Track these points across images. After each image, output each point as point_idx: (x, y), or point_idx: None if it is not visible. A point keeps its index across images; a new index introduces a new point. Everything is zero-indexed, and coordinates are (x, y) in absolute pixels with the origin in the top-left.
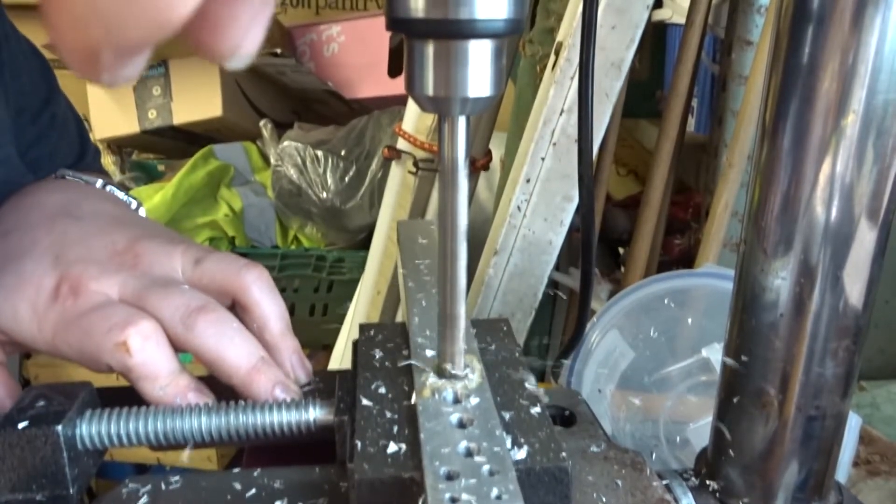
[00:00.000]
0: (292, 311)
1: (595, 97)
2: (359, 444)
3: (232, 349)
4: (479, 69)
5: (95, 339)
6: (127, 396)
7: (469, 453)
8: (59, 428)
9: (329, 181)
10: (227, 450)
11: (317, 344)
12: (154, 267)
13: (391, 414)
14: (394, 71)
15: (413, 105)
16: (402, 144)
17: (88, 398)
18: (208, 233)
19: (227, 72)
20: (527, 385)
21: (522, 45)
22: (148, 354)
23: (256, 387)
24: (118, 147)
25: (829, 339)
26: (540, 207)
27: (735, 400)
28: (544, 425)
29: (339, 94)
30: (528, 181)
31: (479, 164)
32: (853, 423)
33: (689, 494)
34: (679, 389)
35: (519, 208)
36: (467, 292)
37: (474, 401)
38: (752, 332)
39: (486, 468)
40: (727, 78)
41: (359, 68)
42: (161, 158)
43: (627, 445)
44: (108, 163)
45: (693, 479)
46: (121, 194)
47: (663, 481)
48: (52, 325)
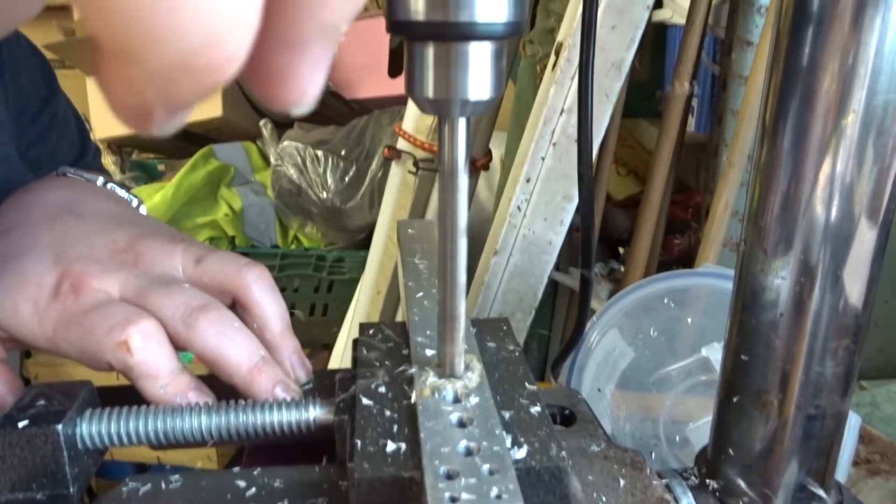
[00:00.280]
0: (292, 310)
1: (595, 97)
2: (359, 443)
3: (233, 348)
4: (479, 72)
5: (96, 338)
6: (127, 396)
7: (469, 452)
8: (60, 427)
9: (329, 181)
10: (227, 449)
11: (317, 344)
12: (155, 265)
13: (391, 413)
14: (394, 71)
15: (413, 105)
16: (402, 144)
17: (88, 397)
18: (208, 232)
19: None
20: (526, 384)
21: (522, 45)
22: (148, 353)
23: (257, 386)
24: (118, 147)
25: (829, 339)
26: (540, 207)
27: (735, 399)
28: (544, 424)
29: (340, 94)
30: (528, 181)
31: (479, 164)
32: (853, 423)
33: (689, 494)
34: (679, 389)
35: (519, 208)
36: (467, 292)
37: (474, 400)
38: (751, 331)
39: (485, 467)
40: (727, 78)
41: (359, 68)
42: (161, 158)
43: (627, 445)
44: (108, 163)
45: (693, 478)
46: (122, 192)
47: (663, 480)
48: (53, 323)
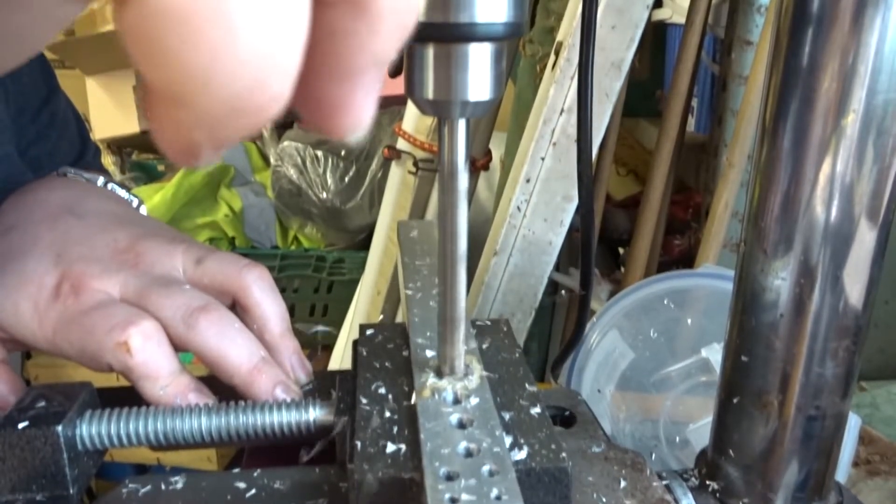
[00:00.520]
0: (292, 311)
1: (595, 97)
2: (358, 444)
3: (233, 349)
4: (479, 73)
5: (96, 338)
6: (127, 397)
7: (469, 454)
8: (60, 428)
9: (329, 181)
10: (227, 450)
11: (317, 344)
12: (155, 266)
13: (391, 414)
14: (394, 71)
15: (413, 105)
16: (401, 144)
17: (88, 398)
18: (208, 233)
19: None
20: (527, 385)
21: (522, 44)
22: (149, 354)
23: (257, 387)
24: (118, 147)
25: (829, 340)
26: (540, 207)
27: (735, 400)
28: (544, 426)
29: None
30: (528, 181)
31: (479, 164)
32: (853, 423)
33: (689, 495)
34: (679, 390)
35: (519, 208)
36: (467, 293)
37: (474, 401)
38: (751, 332)
39: (485, 468)
40: (727, 78)
41: None
42: (161, 158)
43: (627, 446)
44: (108, 163)
45: (693, 479)
46: (122, 192)
47: (663, 481)
48: (53, 324)
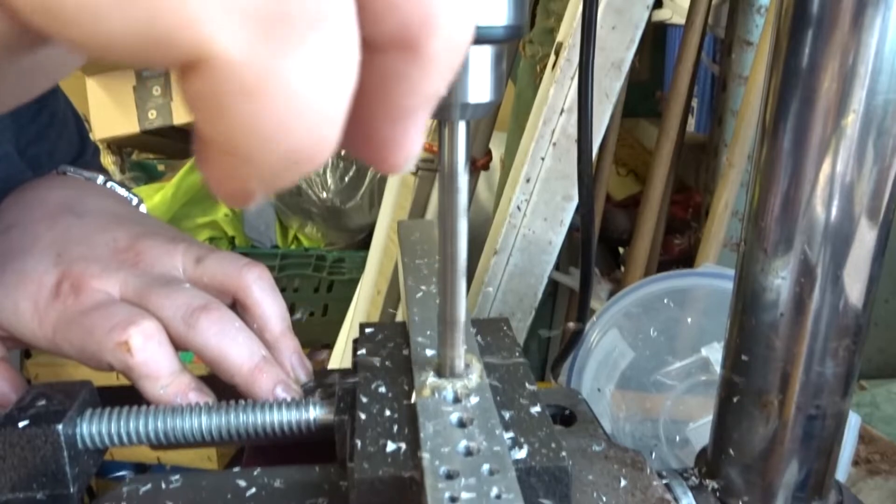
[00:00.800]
0: (292, 310)
1: (595, 97)
2: (358, 443)
3: (234, 348)
4: (479, 75)
5: (97, 338)
6: (127, 396)
7: (469, 452)
8: (60, 427)
9: (329, 181)
10: (228, 449)
11: (317, 343)
12: (155, 265)
13: (391, 413)
14: None
15: None
16: None
17: (89, 397)
18: (208, 233)
19: None
20: (526, 384)
21: (522, 45)
22: (149, 354)
23: (258, 386)
24: (118, 147)
25: (830, 339)
26: (540, 207)
27: (735, 399)
28: (544, 424)
29: None
30: (528, 181)
31: (479, 164)
32: (853, 422)
33: (689, 494)
34: (679, 389)
35: (519, 208)
36: (467, 293)
37: (474, 400)
38: (752, 331)
39: (485, 467)
40: (727, 78)
41: None
42: (161, 158)
43: (627, 445)
44: (108, 163)
45: (693, 478)
46: (122, 191)
47: (663, 480)
48: (53, 323)
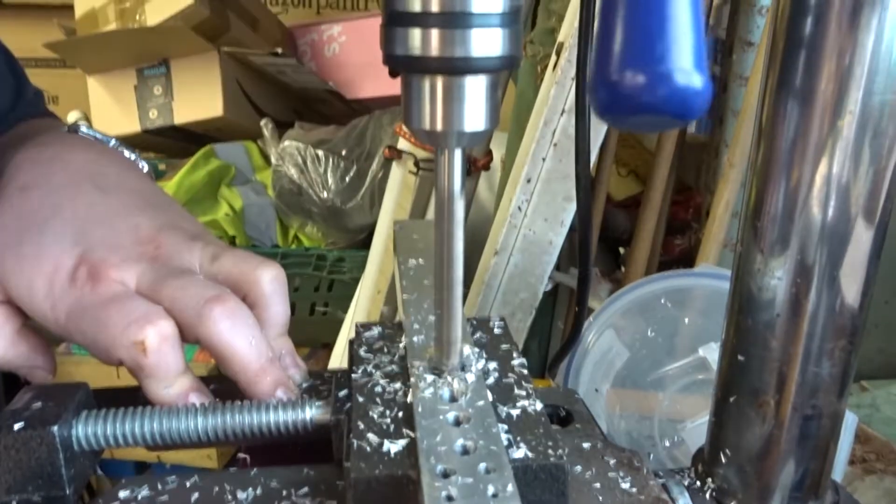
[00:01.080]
0: (293, 309)
1: None
2: (355, 442)
3: (245, 346)
4: (475, 104)
5: (111, 333)
6: (123, 397)
7: (465, 451)
8: (55, 429)
9: (330, 181)
10: (228, 448)
11: (317, 343)
12: (173, 258)
13: (387, 412)
14: (394, 72)
15: None
16: (402, 144)
17: (84, 399)
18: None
19: (228, 71)
20: (523, 383)
21: (524, 45)
22: (162, 355)
23: (262, 387)
24: None
25: (826, 339)
26: (540, 207)
27: (732, 399)
28: (541, 423)
29: (340, 93)
30: (528, 181)
31: (479, 164)
32: (849, 422)
33: (686, 494)
34: (676, 389)
35: (520, 208)
36: (466, 293)
37: (471, 399)
38: (748, 331)
39: (482, 466)
40: (728, 79)
41: (360, 68)
42: (162, 158)
43: (623, 444)
44: None
45: (689, 478)
46: (131, 155)
47: (660, 480)
48: (67, 309)
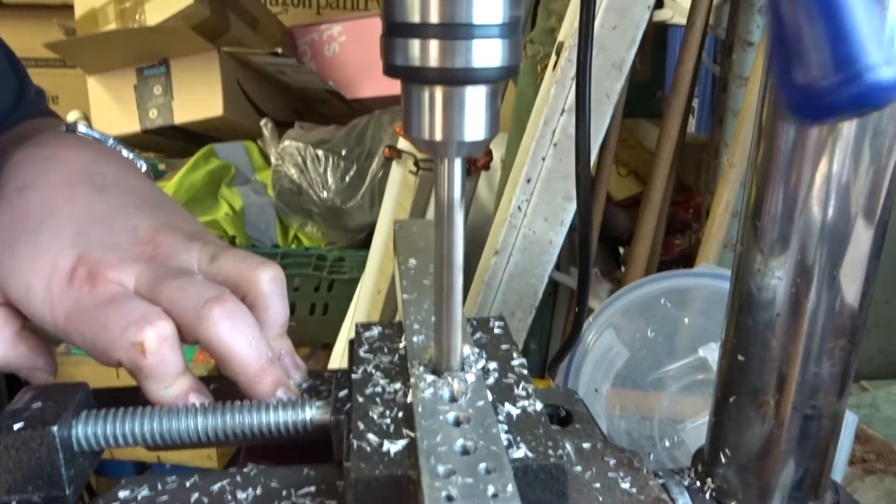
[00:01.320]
0: (292, 309)
1: (596, 97)
2: (355, 443)
3: (245, 347)
4: (474, 114)
5: (110, 334)
6: (123, 397)
7: (465, 451)
8: (55, 429)
9: (329, 180)
10: (228, 448)
11: (317, 343)
12: (171, 259)
13: (387, 412)
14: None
15: None
16: (402, 144)
17: (84, 399)
18: None
19: (228, 71)
20: (523, 383)
21: (524, 45)
22: (162, 356)
23: (262, 387)
24: None
25: (826, 339)
26: (540, 207)
27: (731, 399)
28: (541, 423)
29: (340, 93)
30: (528, 181)
31: (479, 164)
32: (850, 422)
33: (686, 494)
34: (676, 389)
35: (519, 208)
36: (466, 293)
37: (471, 399)
38: (748, 331)
39: (482, 466)
40: (728, 78)
41: (360, 68)
42: (162, 157)
43: (623, 444)
44: None
45: (689, 478)
46: (129, 154)
47: (660, 480)
48: (65, 311)
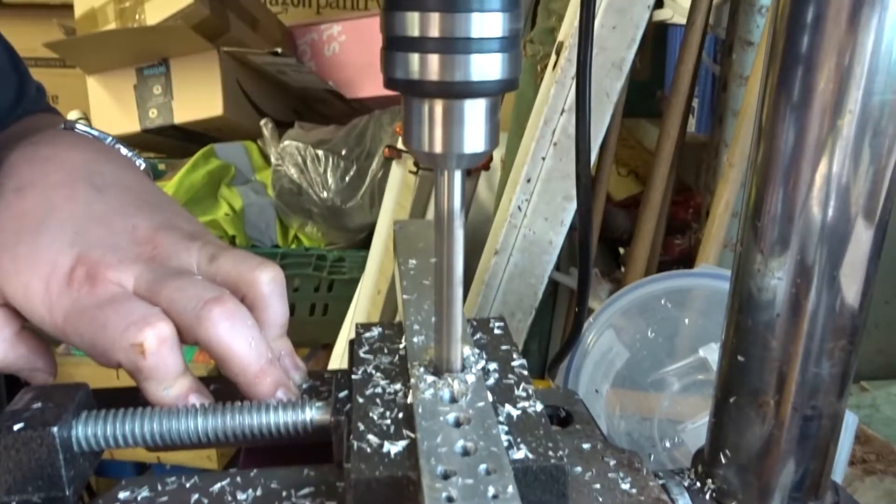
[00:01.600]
0: (292, 309)
1: (596, 97)
2: (355, 444)
3: (244, 348)
4: (474, 126)
5: (110, 335)
6: (123, 397)
7: (466, 452)
8: (55, 430)
9: (329, 180)
10: (228, 449)
11: (317, 343)
12: (171, 259)
13: (388, 413)
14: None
15: None
16: (402, 144)
17: (84, 399)
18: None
19: (228, 71)
20: (524, 384)
21: (524, 45)
22: (161, 357)
23: (261, 388)
24: None
25: (826, 339)
26: (540, 207)
27: (731, 400)
28: (541, 424)
29: (340, 93)
30: (528, 181)
31: (479, 164)
32: (850, 422)
33: (686, 495)
34: (676, 389)
35: (519, 208)
36: (465, 294)
37: (471, 400)
38: (748, 332)
39: (482, 467)
40: (728, 78)
41: (359, 68)
42: (162, 157)
43: (623, 445)
44: None
45: (689, 478)
46: (128, 152)
47: (660, 481)
48: (64, 312)
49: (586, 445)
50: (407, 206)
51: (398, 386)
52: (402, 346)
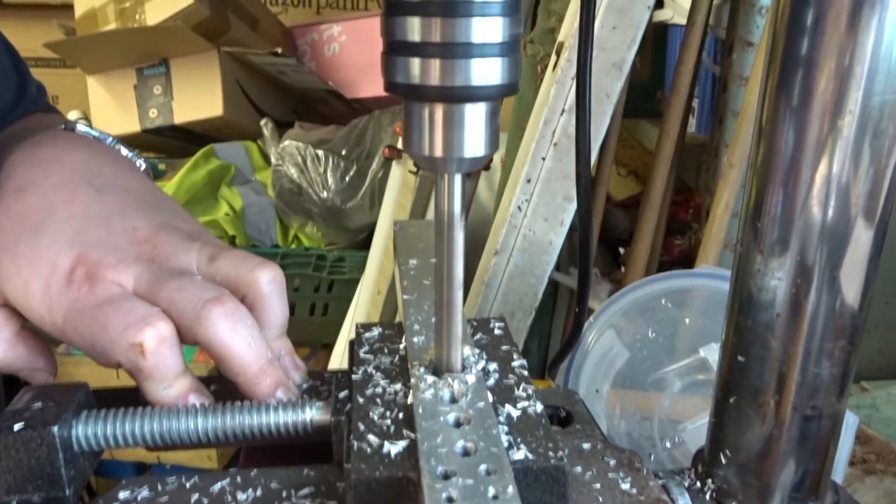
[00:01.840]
0: (292, 309)
1: (596, 97)
2: (355, 444)
3: (244, 347)
4: (474, 131)
5: (110, 335)
6: (123, 397)
7: (466, 452)
8: (55, 429)
9: (329, 180)
10: (228, 448)
11: (317, 343)
12: (171, 259)
13: (388, 414)
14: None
15: None
16: (402, 144)
17: (84, 399)
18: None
19: (228, 71)
20: (524, 384)
21: (524, 45)
22: (161, 357)
23: (262, 388)
24: None
25: (826, 340)
26: (540, 207)
27: (732, 400)
28: (541, 424)
29: (340, 93)
30: (528, 181)
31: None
32: (850, 423)
33: (686, 495)
34: (676, 389)
35: (519, 208)
36: (466, 294)
37: (471, 400)
38: (748, 332)
39: (482, 467)
40: (728, 79)
41: (359, 68)
42: (162, 157)
43: (623, 445)
44: None
45: (690, 478)
46: (128, 153)
47: (660, 481)
48: (64, 312)
49: (586, 445)
50: (407, 206)
51: (398, 386)
52: (402, 346)
